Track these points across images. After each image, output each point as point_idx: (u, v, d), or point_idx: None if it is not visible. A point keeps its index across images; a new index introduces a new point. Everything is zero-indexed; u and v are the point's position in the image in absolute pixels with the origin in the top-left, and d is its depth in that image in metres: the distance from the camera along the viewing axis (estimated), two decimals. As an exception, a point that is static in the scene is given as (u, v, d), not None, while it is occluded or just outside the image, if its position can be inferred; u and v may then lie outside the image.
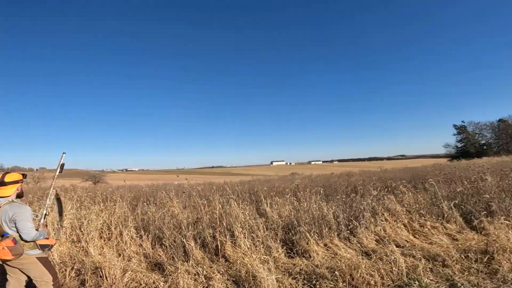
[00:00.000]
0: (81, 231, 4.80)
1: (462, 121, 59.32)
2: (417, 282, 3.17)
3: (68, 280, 3.75)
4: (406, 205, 5.37)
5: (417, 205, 5.29)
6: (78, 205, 5.98)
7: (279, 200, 5.71)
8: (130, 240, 4.55)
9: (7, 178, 2.69)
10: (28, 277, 2.76)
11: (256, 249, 4.14)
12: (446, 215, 4.94)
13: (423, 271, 3.37)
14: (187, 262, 3.75)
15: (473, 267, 3.49)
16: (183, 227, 4.57)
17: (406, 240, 4.51)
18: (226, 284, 3.31)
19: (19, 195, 2.82)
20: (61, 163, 3.27)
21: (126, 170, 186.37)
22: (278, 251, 4.16)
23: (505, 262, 3.49)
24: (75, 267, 3.98)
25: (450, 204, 5.00)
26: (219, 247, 4.20)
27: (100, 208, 5.65)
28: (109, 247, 4.45)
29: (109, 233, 4.85)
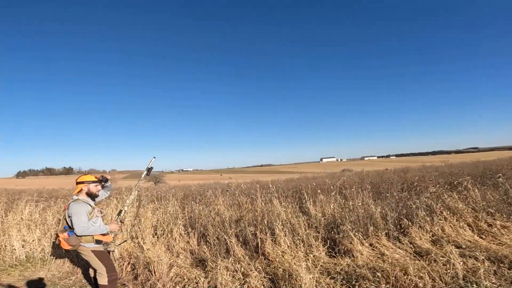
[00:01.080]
0: (139, 228, 5.16)
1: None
2: (475, 285, 2.86)
3: (124, 274, 4.11)
4: (471, 203, 4.72)
5: (485, 203, 4.59)
6: (137, 203, 6.59)
7: (323, 198, 5.53)
8: (179, 237, 4.77)
9: (77, 179, 3.12)
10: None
11: (297, 247, 4.07)
12: (522, 215, 4.20)
13: (484, 274, 3.01)
14: (227, 259, 3.84)
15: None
16: (226, 225, 4.73)
17: (469, 241, 3.99)
18: (262, 282, 3.33)
19: (90, 195, 3.11)
20: (149, 166, 3.42)
21: (182, 170, 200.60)
22: (319, 250, 4.03)
23: None
24: (131, 262, 4.30)
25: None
26: (259, 244, 4.23)
27: (156, 206, 5.95)
28: (161, 244, 4.71)
29: (161, 230, 5.14)
